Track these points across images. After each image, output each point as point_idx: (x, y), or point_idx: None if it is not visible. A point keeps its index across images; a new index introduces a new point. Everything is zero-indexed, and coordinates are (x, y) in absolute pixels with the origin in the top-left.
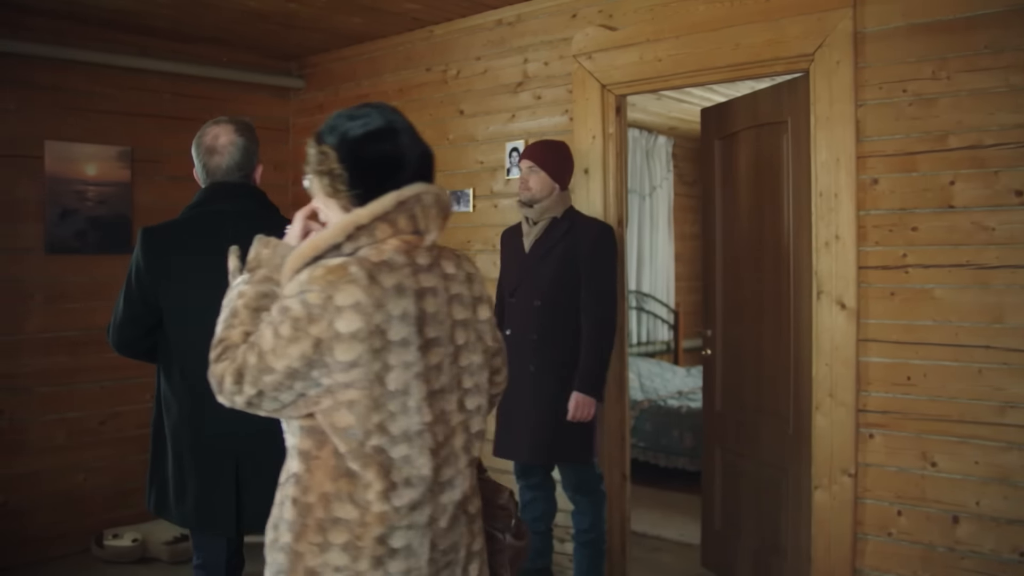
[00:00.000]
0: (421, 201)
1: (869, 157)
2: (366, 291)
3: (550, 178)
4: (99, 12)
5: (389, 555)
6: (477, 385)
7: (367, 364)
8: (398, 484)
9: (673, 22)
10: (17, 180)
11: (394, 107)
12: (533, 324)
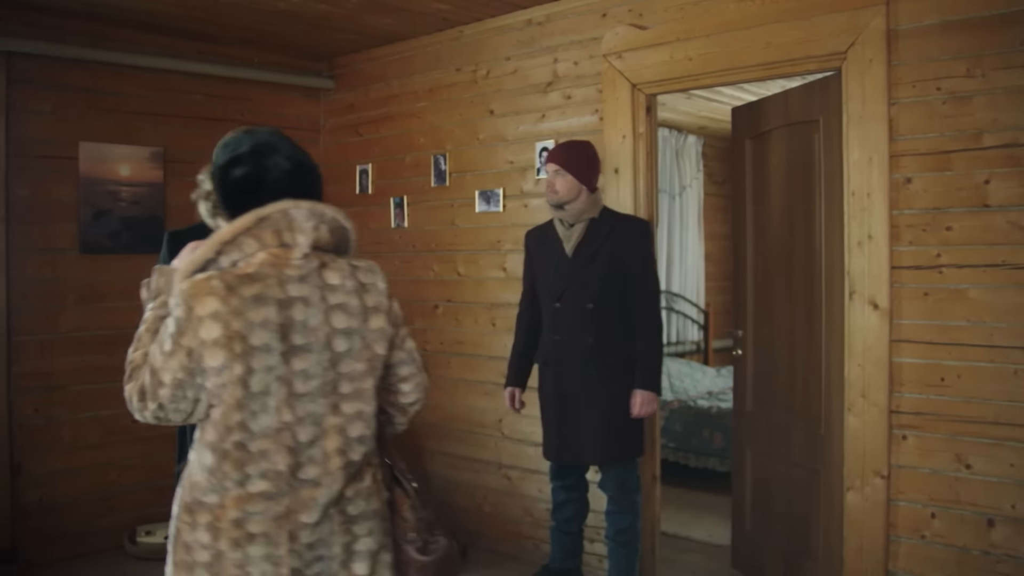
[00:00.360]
0: (288, 216)
1: (902, 156)
2: (223, 301)
3: (576, 180)
4: (132, 15)
5: (247, 539)
6: (358, 391)
7: (231, 367)
8: (252, 476)
9: (704, 21)
10: (52, 181)
11: (275, 130)
12: (588, 327)
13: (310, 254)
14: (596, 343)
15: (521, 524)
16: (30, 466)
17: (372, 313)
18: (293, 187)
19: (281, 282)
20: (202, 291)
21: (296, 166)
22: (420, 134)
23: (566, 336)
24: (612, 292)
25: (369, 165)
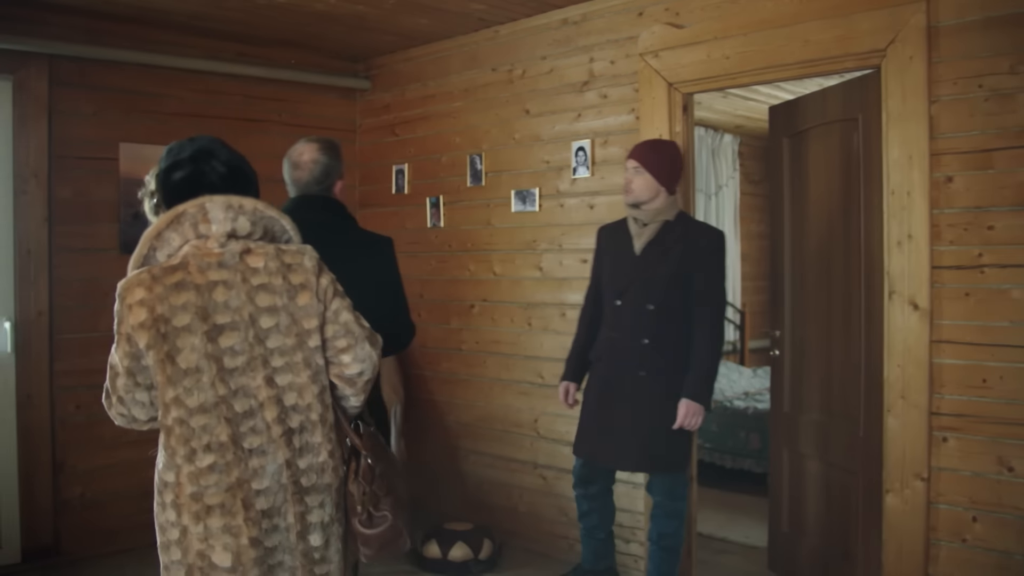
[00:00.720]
0: (204, 209)
1: (943, 154)
2: (149, 289)
3: (655, 180)
4: (172, 17)
5: (205, 512)
6: (289, 364)
7: (158, 346)
8: (198, 450)
9: (741, 19)
10: (93, 182)
11: (216, 139)
12: (646, 328)
13: (229, 242)
14: (652, 345)
15: (556, 524)
16: (72, 462)
17: (299, 291)
18: (227, 188)
19: (201, 269)
20: (132, 283)
21: (231, 170)
22: (456, 134)
23: (622, 334)
24: (675, 297)
25: (405, 165)
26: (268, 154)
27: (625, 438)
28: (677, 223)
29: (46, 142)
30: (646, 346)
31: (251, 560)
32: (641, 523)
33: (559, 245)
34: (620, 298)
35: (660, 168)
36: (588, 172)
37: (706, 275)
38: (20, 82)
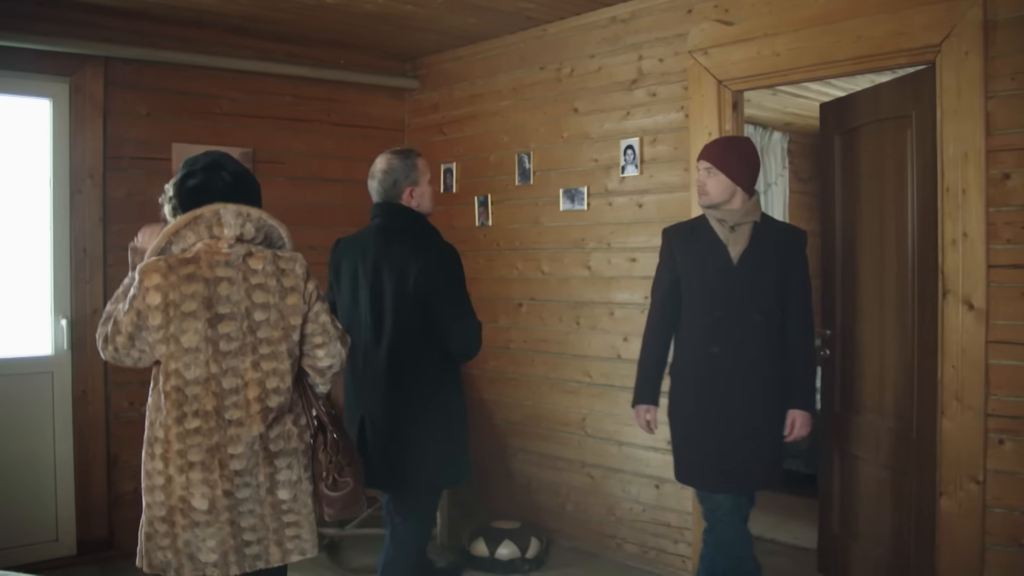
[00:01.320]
0: (218, 214)
1: (1000, 151)
2: (164, 277)
3: (730, 181)
4: (224, 19)
5: (188, 466)
6: (274, 353)
7: (167, 327)
8: (188, 415)
9: (792, 15)
10: (147, 182)
11: (224, 153)
12: (754, 340)
13: (237, 244)
14: (760, 358)
15: (604, 523)
16: (125, 457)
17: (289, 292)
18: (232, 195)
19: (211, 265)
20: (151, 268)
21: (236, 180)
22: (504, 133)
23: (727, 348)
24: (777, 304)
25: (453, 164)
26: (318, 153)
27: (744, 458)
28: (765, 225)
29: (101, 143)
30: (754, 359)
31: (223, 507)
32: (689, 523)
33: (607, 244)
34: (721, 309)
35: (734, 167)
36: (637, 171)
37: (796, 276)
38: (76, 84)
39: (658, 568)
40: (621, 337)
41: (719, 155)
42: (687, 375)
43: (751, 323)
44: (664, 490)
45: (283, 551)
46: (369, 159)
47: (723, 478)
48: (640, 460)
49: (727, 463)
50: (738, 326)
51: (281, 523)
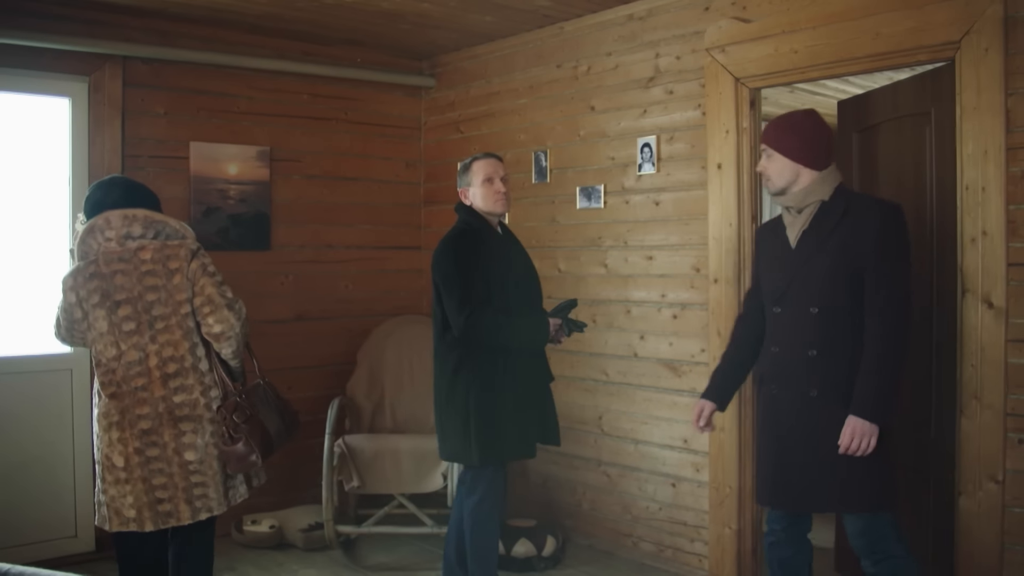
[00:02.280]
0: (107, 219)
1: (1020, 148)
2: (74, 280)
3: (792, 162)
4: (241, 18)
5: (109, 427)
6: (167, 327)
7: (86, 318)
8: (105, 383)
9: (809, 12)
10: (165, 180)
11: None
12: (810, 337)
13: (126, 241)
14: (820, 357)
15: (620, 522)
16: None
17: (173, 274)
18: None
19: (107, 262)
20: (66, 277)
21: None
22: (521, 131)
23: (784, 348)
24: (843, 293)
25: None
26: (334, 152)
27: (805, 475)
28: (835, 201)
29: (119, 142)
30: (813, 358)
31: (136, 464)
32: (705, 522)
33: (624, 242)
34: (779, 303)
35: (791, 145)
36: (654, 168)
37: (877, 263)
38: (95, 83)
39: (674, 567)
40: (638, 335)
41: (776, 136)
42: (759, 379)
43: (806, 317)
44: (681, 489)
45: (192, 509)
46: (385, 157)
47: (785, 497)
48: (657, 459)
49: (790, 480)
50: (794, 321)
51: (189, 483)
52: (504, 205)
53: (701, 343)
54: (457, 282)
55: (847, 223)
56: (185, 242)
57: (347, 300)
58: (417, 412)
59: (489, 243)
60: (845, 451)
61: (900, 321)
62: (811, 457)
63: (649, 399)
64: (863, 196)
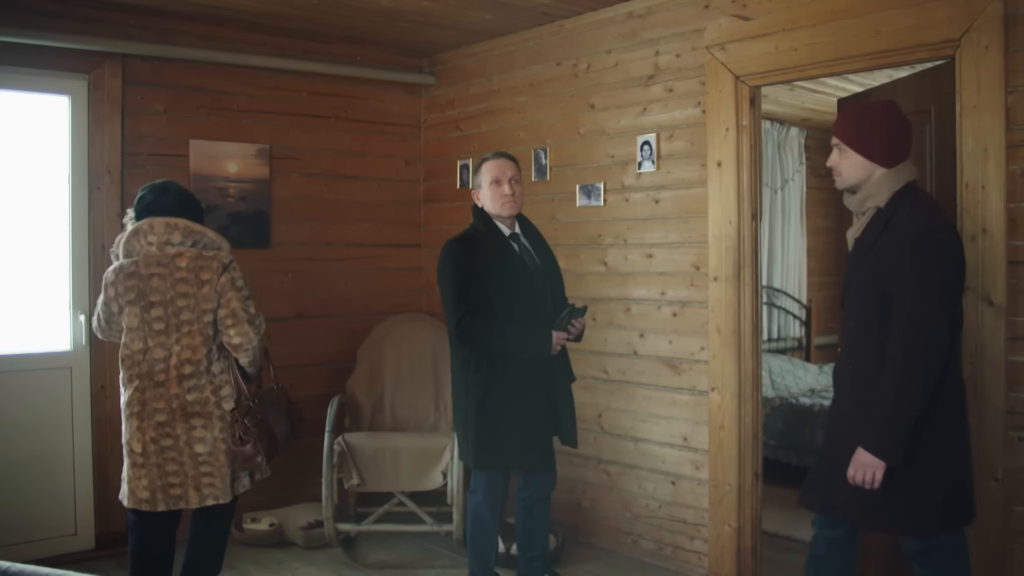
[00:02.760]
0: (152, 226)
1: (1020, 146)
2: (115, 276)
3: (864, 158)
4: (241, 16)
5: (130, 415)
6: (190, 332)
7: (119, 312)
8: (131, 376)
9: (809, 10)
10: (165, 178)
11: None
12: (849, 349)
13: (166, 247)
14: (855, 370)
15: (620, 520)
16: None
17: (204, 284)
18: (177, 211)
19: (146, 265)
20: (108, 274)
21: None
22: (520, 129)
23: (840, 359)
24: (875, 310)
25: (469, 160)
26: (334, 150)
27: (841, 485)
28: (887, 211)
29: (119, 140)
30: (850, 372)
31: (152, 452)
32: (705, 520)
33: (624, 240)
34: (842, 309)
35: (867, 141)
36: (653, 166)
37: (902, 281)
38: (95, 81)
39: (674, 565)
40: (637, 333)
41: (847, 129)
42: None
43: (847, 329)
44: (680, 487)
45: (200, 495)
46: (385, 155)
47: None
48: (656, 456)
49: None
50: (842, 332)
51: (198, 472)
52: (511, 208)
53: (701, 341)
54: (452, 286)
55: (884, 238)
56: (219, 254)
57: (347, 298)
58: (417, 410)
59: (493, 249)
60: (851, 482)
61: (917, 349)
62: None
63: (649, 397)
64: (913, 208)
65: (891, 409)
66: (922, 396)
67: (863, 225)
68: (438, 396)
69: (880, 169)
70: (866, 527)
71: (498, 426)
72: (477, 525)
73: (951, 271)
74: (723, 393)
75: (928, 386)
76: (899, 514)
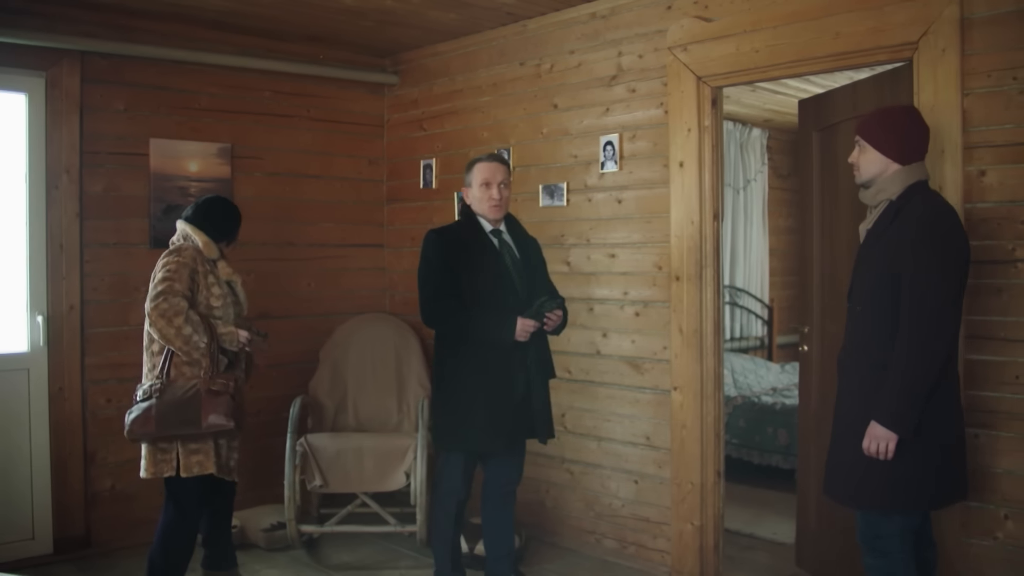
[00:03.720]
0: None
1: (976, 148)
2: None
3: (880, 155)
4: (202, 14)
5: None
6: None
7: None
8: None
9: (771, 12)
10: (124, 177)
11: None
12: (853, 334)
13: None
14: (859, 353)
15: (583, 519)
16: (103, 455)
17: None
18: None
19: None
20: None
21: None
22: (484, 128)
23: (846, 341)
24: (884, 295)
25: (433, 160)
26: (296, 149)
27: (835, 465)
28: (898, 203)
29: (78, 138)
30: (855, 355)
31: None
32: (668, 518)
33: (587, 240)
34: (848, 299)
35: (885, 141)
36: (616, 167)
37: (913, 258)
38: (53, 79)
39: (637, 563)
40: (600, 333)
41: (869, 127)
42: None
43: (853, 315)
44: (643, 485)
45: None
46: (348, 155)
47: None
48: (620, 456)
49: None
50: (848, 318)
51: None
52: (497, 212)
53: (663, 341)
54: (426, 271)
55: (895, 226)
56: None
57: (310, 298)
58: (380, 411)
59: (471, 246)
60: (867, 453)
61: (927, 333)
62: (838, 450)
63: (612, 396)
64: (922, 198)
65: (904, 382)
66: (933, 369)
67: (875, 217)
68: (401, 397)
69: (894, 165)
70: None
71: (464, 410)
72: (435, 509)
73: (957, 249)
74: (685, 392)
75: (939, 359)
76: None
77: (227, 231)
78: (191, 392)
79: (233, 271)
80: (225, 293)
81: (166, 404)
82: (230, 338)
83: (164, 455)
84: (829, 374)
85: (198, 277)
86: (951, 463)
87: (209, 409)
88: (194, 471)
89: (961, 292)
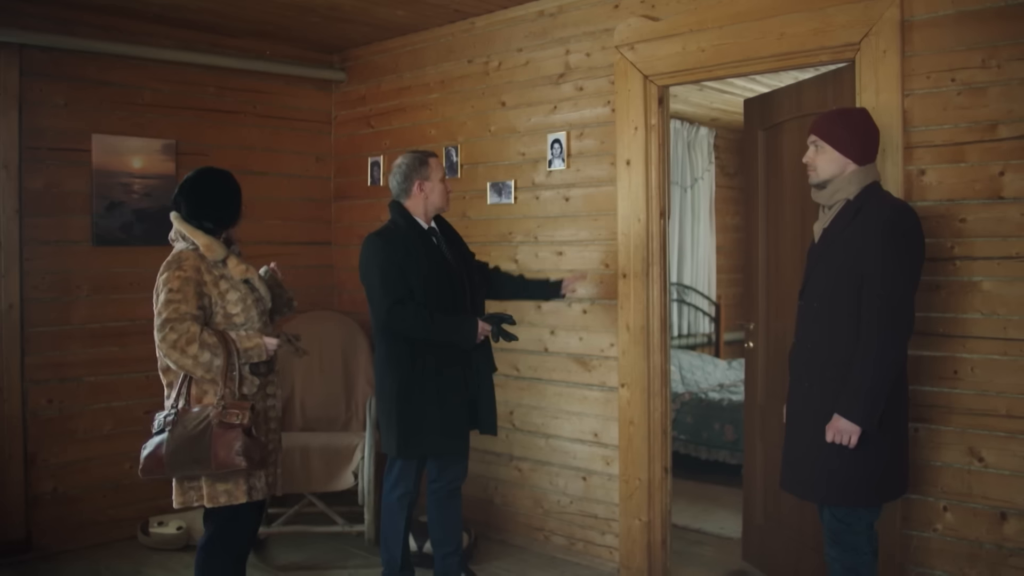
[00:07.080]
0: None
1: (916, 148)
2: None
3: (840, 155)
4: (146, 7)
5: None
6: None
7: None
8: None
9: (716, 12)
10: (65, 173)
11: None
12: (811, 330)
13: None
14: (814, 351)
15: (531, 516)
16: (44, 457)
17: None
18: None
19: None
20: None
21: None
22: (432, 126)
23: (797, 340)
24: (843, 292)
25: (381, 157)
26: (243, 145)
27: (801, 463)
28: (857, 202)
29: (16, 133)
30: (809, 351)
31: None
32: (616, 514)
33: (535, 237)
34: (800, 297)
35: (843, 138)
36: (564, 164)
37: (871, 265)
38: None
39: (586, 559)
40: (548, 330)
41: (827, 127)
42: None
43: (810, 311)
44: (591, 482)
45: None
46: (295, 151)
47: (788, 481)
48: (567, 452)
49: (791, 465)
50: (804, 315)
51: None
52: (448, 205)
53: (610, 338)
54: (379, 277)
55: (856, 223)
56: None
57: None
58: (327, 410)
59: (414, 242)
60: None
61: (886, 326)
62: (802, 447)
63: (560, 394)
64: (881, 197)
65: (868, 377)
66: (897, 364)
67: (831, 217)
68: (349, 395)
69: (852, 165)
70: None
71: (421, 415)
72: (386, 515)
73: (917, 252)
74: (632, 389)
75: (900, 355)
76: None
77: (229, 216)
78: (202, 426)
79: (247, 266)
80: (244, 295)
81: (176, 441)
82: (257, 352)
83: (191, 482)
84: (775, 370)
85: (207, 288)
86: (905, 456)
87: (219, 447)
88: (221, 501)
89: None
